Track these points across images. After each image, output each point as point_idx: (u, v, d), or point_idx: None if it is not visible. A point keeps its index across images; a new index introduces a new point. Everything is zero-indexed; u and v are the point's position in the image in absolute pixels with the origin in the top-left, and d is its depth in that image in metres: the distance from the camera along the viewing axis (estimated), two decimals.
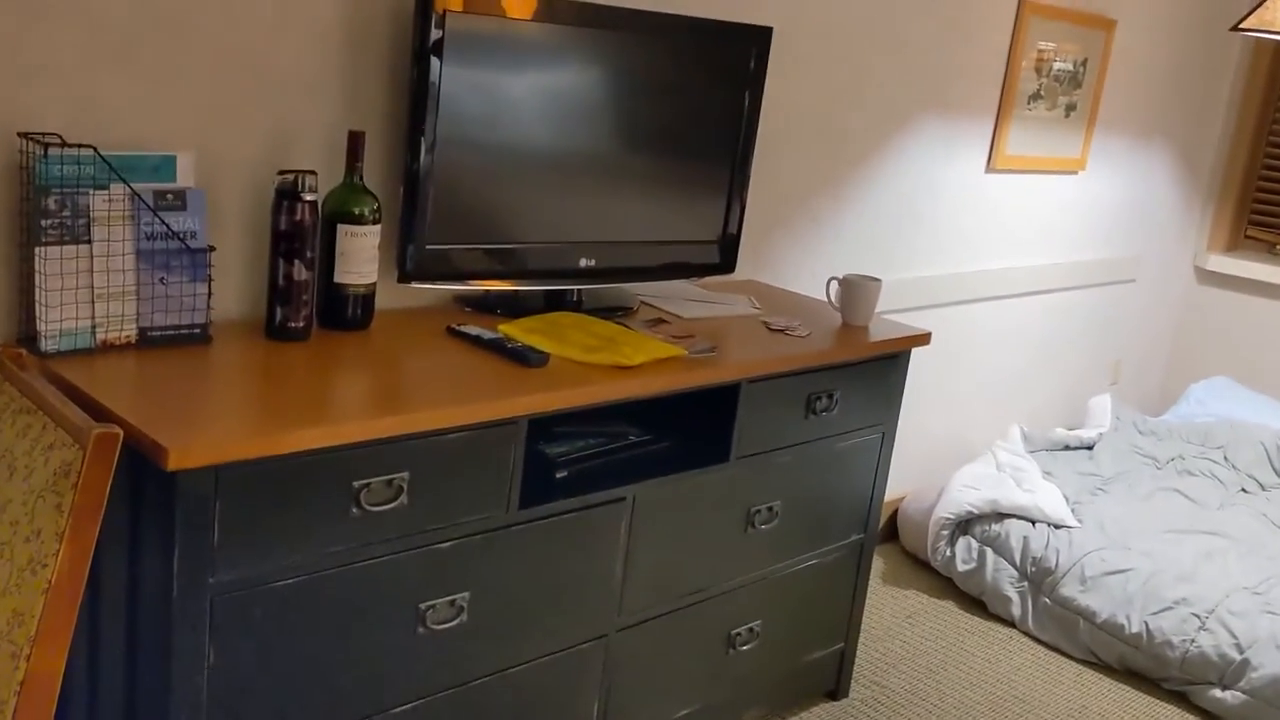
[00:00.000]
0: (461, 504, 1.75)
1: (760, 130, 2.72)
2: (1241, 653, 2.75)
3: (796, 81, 2.80)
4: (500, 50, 2.01)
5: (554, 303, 2.26)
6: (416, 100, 1.95)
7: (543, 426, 1.97)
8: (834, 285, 2.51)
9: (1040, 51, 3.44)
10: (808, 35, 2.79)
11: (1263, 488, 3.69)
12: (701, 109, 2.37)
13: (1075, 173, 3.79)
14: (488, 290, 2.20)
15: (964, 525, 3.27)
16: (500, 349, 1.92)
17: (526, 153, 2.11)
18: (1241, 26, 3.10)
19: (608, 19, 2.16)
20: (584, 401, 1.85)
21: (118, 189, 1.68)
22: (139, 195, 1.69)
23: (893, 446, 2.58)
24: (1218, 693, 2.77)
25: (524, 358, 1.89)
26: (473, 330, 1.99)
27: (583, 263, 2.26)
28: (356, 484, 1.60)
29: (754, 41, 2.40)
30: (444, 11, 1.90)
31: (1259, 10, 3.05)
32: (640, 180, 2.31)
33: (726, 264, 2.52)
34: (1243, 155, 4.51)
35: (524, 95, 2.07)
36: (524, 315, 2.15)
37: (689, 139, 2.37)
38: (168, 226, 1.72)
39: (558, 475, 1.95)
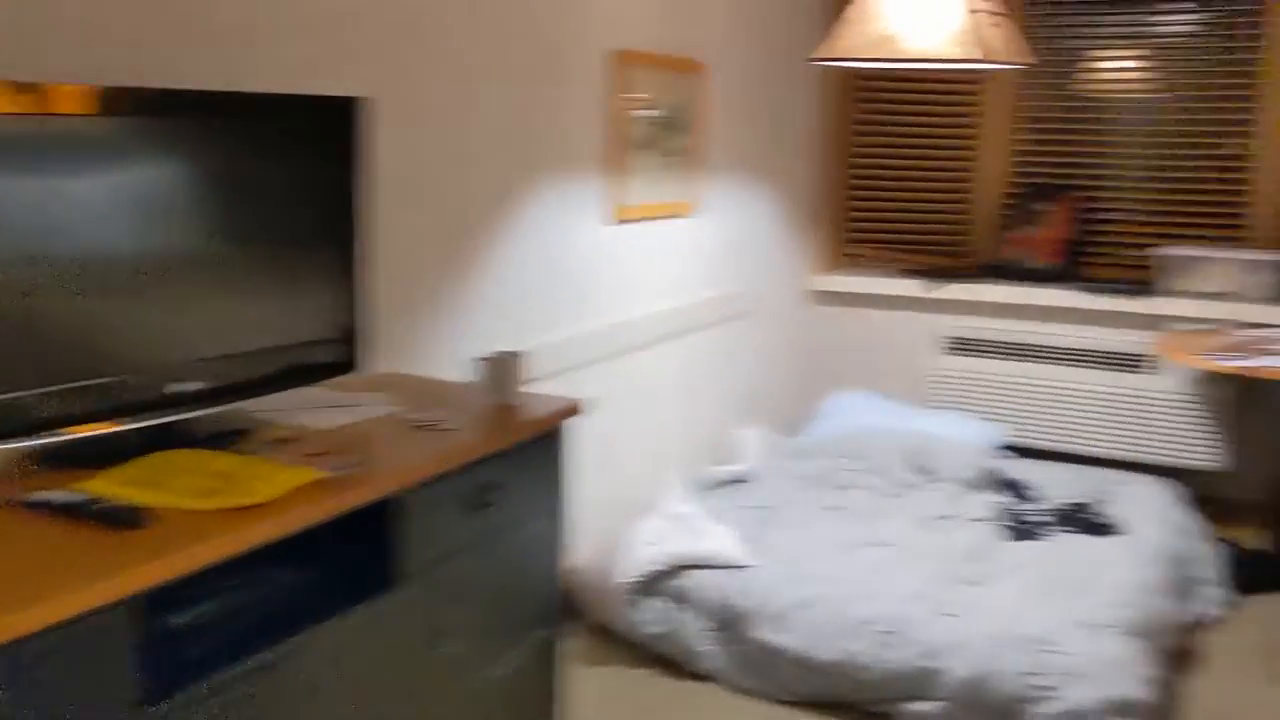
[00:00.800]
0: None
1: (372, 210, 2.48)
2: (930, 660, 2.79)
3: (405, 154, 2.59)
4: (48, 150, 1.65)
5: (157, 440, 1.89)
6: None
7: (165, 592, 1.61)
8: (478, 365, 2.31)
9: (640, 99, 3.43)
10: (409, 104, 2.59)
11: (908, 489, 3.85)
12: (298, 194, 2.09)
13: (690, 215, 3.83)
14: (68, 439, 1.80)
15: (647, 586, 3.15)
16: (86, 513, 1.55)
17: (100, 268, 1.74)
18: (816, 57, 3.22)
19: (174, 105, 1.84)
20: (204, 561, 1.52)
21: None
22: None
23: (566, 526, 2.40)
24: (917, 705, 2.80)
25: (115, 519, 1.53)
26: (49, 496, 1.60)
27: (185, 387, 1.91)
28: None
29: (343, 114, 2.15)
30: None
31: (829, 41, 3.18)
32: (241, 282, 1.99)
33: (352, 361, 2.24)
34: (833, 178, 4.79)
35: (89, 201, 1.71)
36: (121, 462, 1.77)
37: (289, 229, 2.08)
38: None
39: (190, 652, 1.60)
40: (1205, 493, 4.20)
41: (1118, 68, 4.46)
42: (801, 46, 4.46)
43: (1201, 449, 4.22)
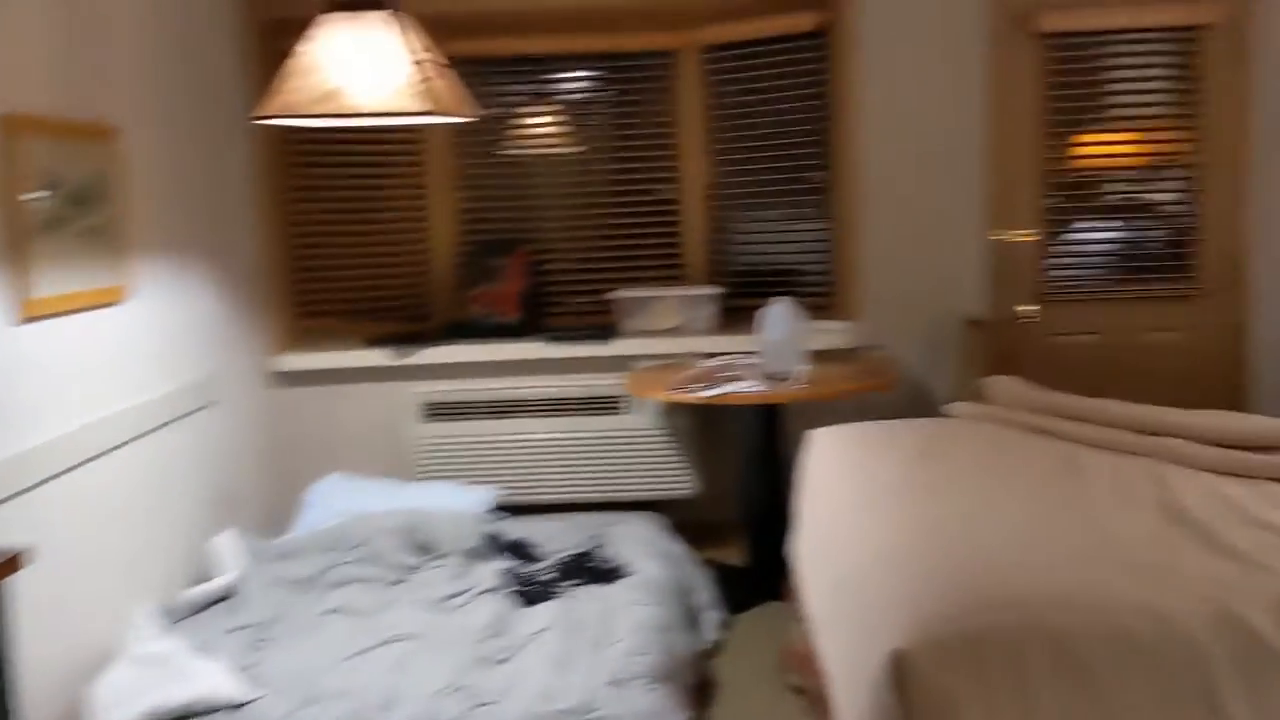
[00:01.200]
0: None
1: None
2: None
3: None
4: None
5: None
6: None
7: None
8: None
9: (41, 172, 2.87)
10: None
11: (410, 571, 3.59)
12: None
13: (122, 302, 3.29)
14: None
15: None
16: None
17: None
18: (258, 115, 2.89)
19: None
20: None
21: None
22: None
23: (17, 706, 1.87)
24: None
25: None
26: None
27: None
28: None
29: None
30: None
31: (269, 97, 2.86)
32: None
33: None
34: (280, 248, 4.44)
35: None
36: None
37: None
38: None
39: None
40: (683, 519, 4.39)
41: (539, 124, 4.60)
42: (234, 105, 4.07)
43: (675, 478, 4.42)
